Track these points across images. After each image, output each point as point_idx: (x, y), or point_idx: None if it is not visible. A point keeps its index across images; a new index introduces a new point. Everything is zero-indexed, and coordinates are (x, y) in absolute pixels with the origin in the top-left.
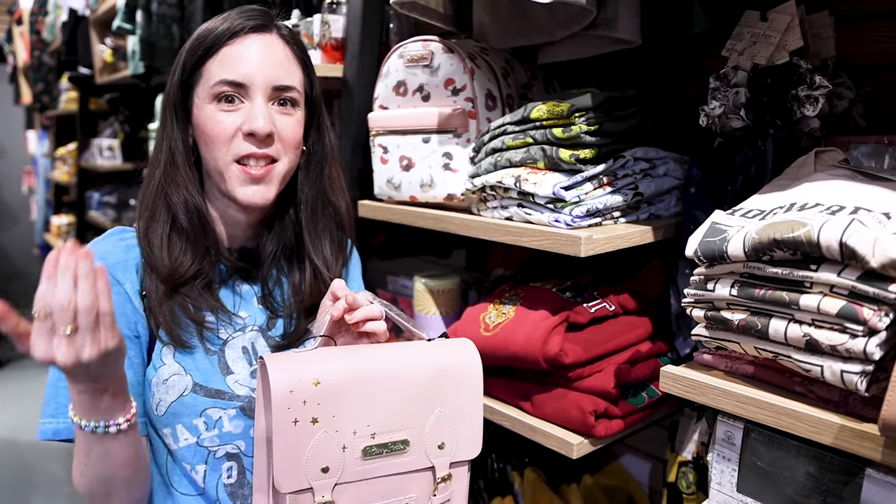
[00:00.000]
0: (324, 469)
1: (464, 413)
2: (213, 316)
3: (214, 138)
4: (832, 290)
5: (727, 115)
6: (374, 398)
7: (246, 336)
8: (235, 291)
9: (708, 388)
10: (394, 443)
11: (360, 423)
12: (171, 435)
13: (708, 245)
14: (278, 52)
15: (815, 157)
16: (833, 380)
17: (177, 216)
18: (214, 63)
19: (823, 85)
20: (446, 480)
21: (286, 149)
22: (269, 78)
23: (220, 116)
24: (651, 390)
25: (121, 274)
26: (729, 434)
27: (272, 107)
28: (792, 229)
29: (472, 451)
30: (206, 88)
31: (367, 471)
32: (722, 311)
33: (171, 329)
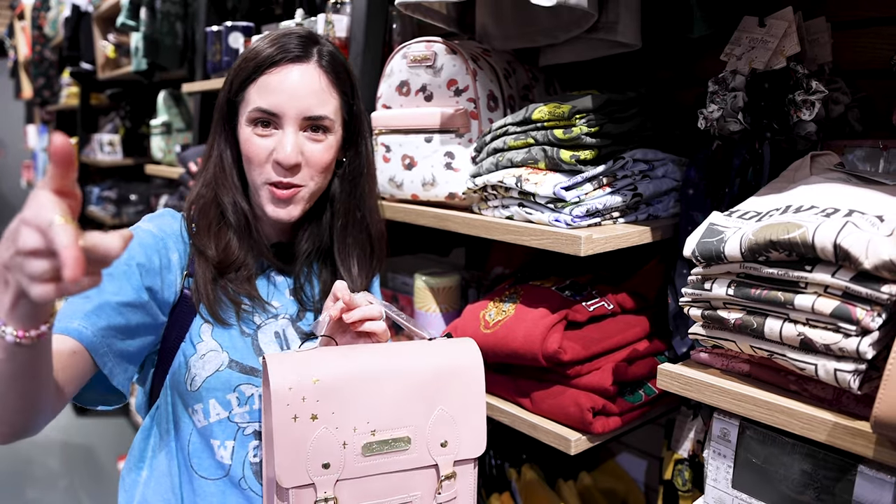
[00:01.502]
0: (325, 465)
1: (466, 412)
2: (249, 302)
3: (250, 159)
4: (826, 290)
5: (725, 118)
6: (373, 395)
7: (278, 323)
8: (270, 282)
9: (704, 386)
10: (395, 440)
11: (359, 419)
12: (203, 410)
13: (705, 246)
14: (313, 82)
15: (810, 161)
16: (827, 378)
17: (226, 213)
18: (254, 89)
19: (820, 90)
20: (451, 478)
21: (313, 174)
22: (300, 109)
23: (255, 140)
24: (648, 388)
25: (173, 244)
26: (725, 431)
27: (303, 134)
28: (788, 231)
29: (475, 449)
30: (245, 111)
31: (368, 467)
32: (719, 311)
33: (212, 306)
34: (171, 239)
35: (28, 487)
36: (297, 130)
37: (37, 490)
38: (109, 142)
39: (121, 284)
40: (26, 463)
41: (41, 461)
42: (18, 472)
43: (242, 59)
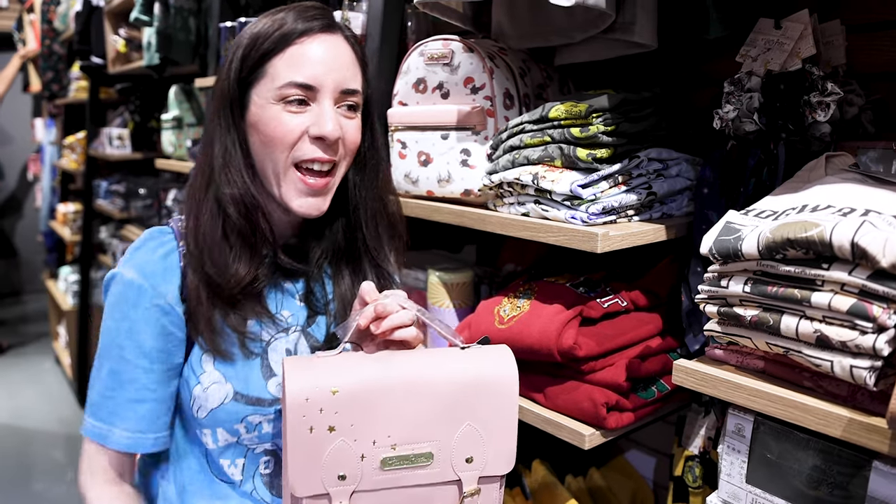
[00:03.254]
0: (341, 476)
1: (496, 426)
2: (256, 322)
3: (277, 140)
4: (843, 288)
5: (741, 118)
6: (396, 408)
7: (290, 338)
8: (278, 289)
9: (719, 382)
10: (416, 455)
11: (380, 433)
12: (211, 435)
13: (723, 243)
14: (346, 53)
15: (825, 161)
16: (842, 374)
17: (228, 212)
18: (281, 62)
19: (835, 92)
20: (474, 495)
21: (348, 154)
22: (338, 81)
23: (285, 117)
24: (661, 385)
25: (161, 284)
26: (739, 426)
27: (338, 110)
28: (805, 229)
29: (503, 466)
30: (270, 88)
31: (386, 480)
32: (735, 308)
33: (211, 339)
34: (157, 277)
35: (34, 480)
36: (333, 104)
37: (43, 482)
38: (119, 136)
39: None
40: (33, 456)
41: (47, 454)
42: (25, 464)
43: (257, 34)
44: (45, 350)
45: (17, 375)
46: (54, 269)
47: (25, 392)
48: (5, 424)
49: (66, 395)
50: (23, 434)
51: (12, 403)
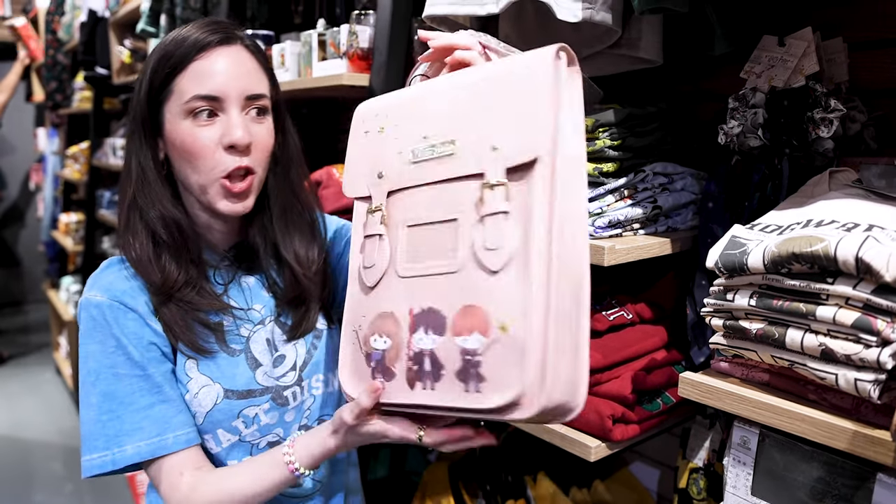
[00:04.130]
0: (379, 175)
1: (526, 114)
2: (228, 318)
3: (196, 154)
4: (847, 302)
5: (745, 134)
6: (432, 107)
7: (266, 328)
8: (243, 286)
9: (725, 394)
10: (442, 143)
11: (417, 129)
12: (213, 439)
13: (728, 257)
14: (247, 61)
15: (829, 177)
16: (847, 388)
17: (156, 232)
18: (185, 79)
19: (838, 108)
20: (498, 187)
21: (261, 157)
22: (241, 88)
23: (198, 132)
24: (666, 397)
25: (130, 300)
26: (745, 439)
27: (246, 116)
28: (810, 244)
29: (529, 151)
30: (179, 104)
31: (416, 176)
32: (740, 321)
33: (190, 340)
34: (126, 295)
35: (34, 491)
36: (241, 112)
37: (43, 494)
38: (122, 146)
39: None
40: (32, 467)
41: (47, 465)
42: (25, 475)
43: (160, 54)
44: (45, 361)
45: (17, 386)
46: (56, 279)
47: (25, 403)
48: (5, 436)
49: (66, 405)
50: (22, 445)
51: (12, 414)
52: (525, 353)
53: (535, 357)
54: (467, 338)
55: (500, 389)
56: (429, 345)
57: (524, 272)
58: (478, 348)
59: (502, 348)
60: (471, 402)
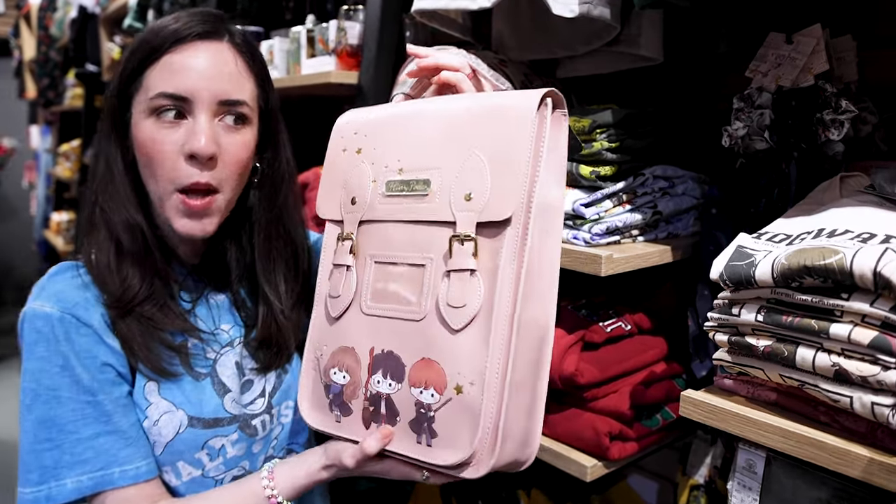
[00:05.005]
0: (353, 200)
1: (504, 162)
2: (194, 338)
3: (153, 159)
4: (864, 319)
5: (751, 136)
6: (413, 134)
7: (235, 350)
8: (210, 304)
9: (730, 415)
10: (416, 182)
11: (394, 157)
12: (172, 472)
13: (734, 269)
14: (228, 62)
15: (840, 182)
16: (863, 412)
17: (119, 238)
18: (155, 72)
19: (849, 109)
20: (467, 241)
21: (230, 175)
22: (215, 91)
23: (160, 135)
24: (665, 412)
25: (84, 313)
26: (750, 462)
27: (218, 123)
28: (823, 256)
29: (503, 208)
30: (144, 100)
31: (389, 211)
32: (746, 337)
33: (151, 361)
34: (79, 307)
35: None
36: (211, 118)
37: None
38: None
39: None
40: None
41: None
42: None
43: (139, 42)
44: None
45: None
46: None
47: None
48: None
49: None
50: (8, 448)
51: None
52: (477, 418)
53: (487, 422)
54: (423, 391)
55: (450, 447)
56: (385, 389)
57: (484, 335)
58: (432, 404)
59: (455, 409)
60: (422, 455)
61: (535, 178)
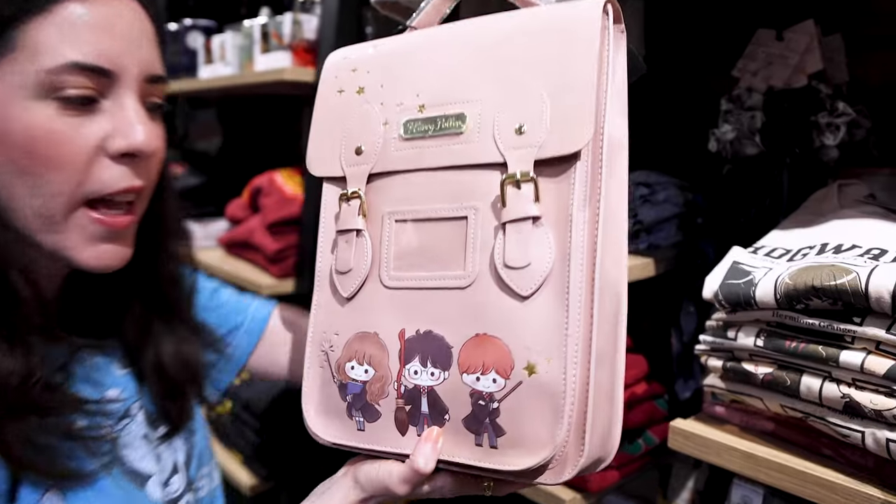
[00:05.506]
0: (358, 150)
1: (565, 86)
2: (83, 416)
3: (50, 161)
4: (878, 347)
5: (740, 139)
6: (433, 63)
7: (137, 419)
8: (87, 363)
9: (725, 449)
10: (445, 118)
11: (409, 92)
12: None
13: (731, 288)
14: (146, 25)
15: (838, 191)
16: (876, 449)
17: None
18: (49, 29)
19: (847, 112)
20: (525, 183)
21: (153, 180)
22: (143, 63)
23: (65, 126)
24: (648, 437)
25: None
26: (746, 499)
27: (143, 110)
28: (834, 276)
29: (570, 141)
30: (27, 72)
31: (409, 158)
32: (744, 363)
33: (45, 465)
34: None
35: None
36: (139, 100)
37: None
38: None
39: None
40: None
41: None
42: None
43: None
44: None
45: None
46: None
47: None
48: None
49: None
50: None
51: None
52: (560, 405)
53: (572, 409)
54: (481, 377)
55: (523, 447)
56: (426, 381)
57: (560, 298)
58: (494, 392)
59: (528, 395)
60: (484, 460)
61: (603, 102)
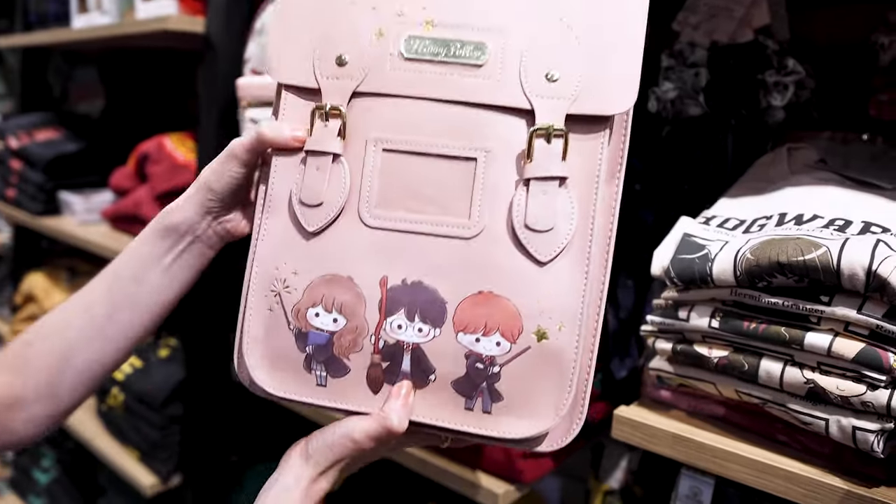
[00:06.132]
0: (340, 60)
1: (611, 38)
2: None
3: None
4: (847, 328)
5: (683, 99)
6: None
7: None
8: None
9: (676, 440)
10: (463, 44)
11: (411, 1)
12: None
13: (684, 264)
14: None
15: (787, 155)
16: (841, 437)
17: None
18: None
19: (796, 70)
20: (556, 138)
21: None
22: None
23: None
24: None
25: None
26: (695, 490)
27: None
28: (802, 251)
29: (614, 99)
30: None
31: (410, 81)
32: (696, 345)
33: None
34: None
35: None
36: None
37: None
38: None
39: None
40: None
41: None
42: None
43: None
44: None
45: None
46: None
47: None
48: None
49: None
50: None
51: None
52: (568, 374)
53: (580, 378)
54: (482, 338)
55: (521, 415)
56: (412, 337)
57: (580, 266)
58: (497, 356)
59: (535, 361)
60: (475, 426)
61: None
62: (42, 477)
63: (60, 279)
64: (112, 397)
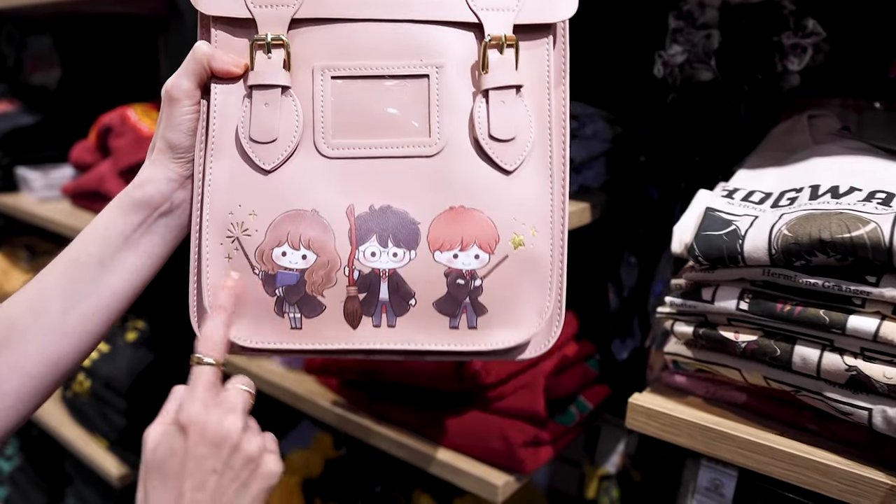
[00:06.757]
0: None
1: None
2: None
3: None
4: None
5: (692, 63)
6: None
7: None
8: None
9: (698, 430)
10: None
11: None
12: None
13: (711, 241)
14: None
15: (808, 123)
16: (885, 428)
17: None
18: None
19: (817, 31)
20: (508, 48)
21: None
22: None
23: None
24: (581, 404)
25: None
26: (716, 482)
27: None
28: (848, 227)
29: (554, 10)
30: None
31: (347, 4)
32: (720, 329)
33: None
34: None
35: None
36: None
37: None
38: None
39: None
40: None
41: None
42: None
43: None
44: None
45: None
46: None
47: None
48: None
49: None
50: None
51: None
52: (546, 277)
53: (557, 280)
54: (460, 254)
55: (506, 325)
56: (388, 263)
57: (543, 171)
58: (477, 269)
59: (514, 270)
60: (462, 343)
61: None
62: (5, 465)
63: (20, 259)
64: (78, 383)
